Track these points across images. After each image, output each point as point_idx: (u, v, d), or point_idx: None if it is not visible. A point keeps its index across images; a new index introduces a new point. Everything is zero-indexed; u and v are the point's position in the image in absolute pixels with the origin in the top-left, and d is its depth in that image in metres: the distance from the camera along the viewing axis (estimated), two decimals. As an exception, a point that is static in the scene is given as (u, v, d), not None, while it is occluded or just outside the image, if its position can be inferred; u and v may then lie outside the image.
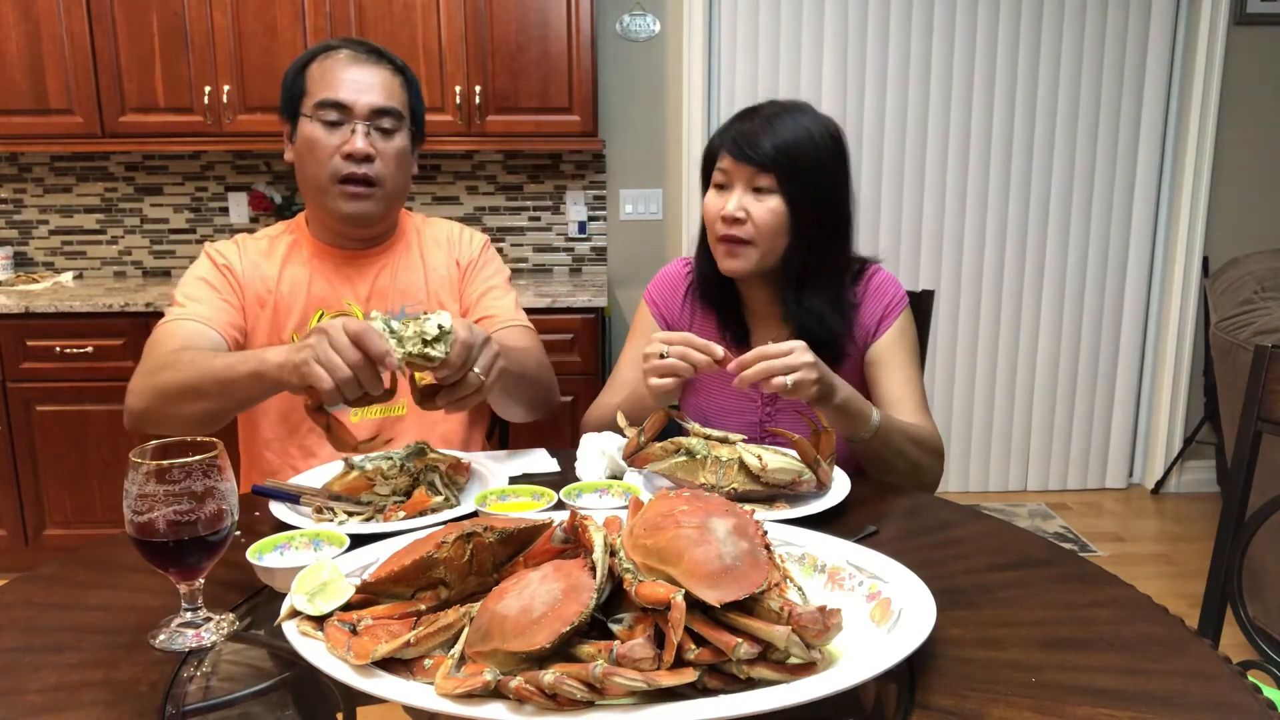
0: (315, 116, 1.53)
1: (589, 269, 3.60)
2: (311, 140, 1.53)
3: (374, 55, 1.58)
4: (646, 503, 0.90)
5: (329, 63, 1.55)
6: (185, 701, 0.84)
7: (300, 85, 1.56)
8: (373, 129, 1.53)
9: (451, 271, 1.69)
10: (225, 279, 1.57)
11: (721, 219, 1.50)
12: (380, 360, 1.17)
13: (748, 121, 1.51)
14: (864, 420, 1.39)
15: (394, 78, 1.58)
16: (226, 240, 1.64)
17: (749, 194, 1.49)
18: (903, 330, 1.58)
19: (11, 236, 3.53)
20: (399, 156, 1.57)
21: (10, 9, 3.02)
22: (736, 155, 1.49)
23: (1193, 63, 3.50)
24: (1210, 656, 0.87)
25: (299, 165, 1.58)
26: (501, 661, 0.76)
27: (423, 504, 1.20)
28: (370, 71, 1.55)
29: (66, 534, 3.07)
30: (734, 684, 0.76)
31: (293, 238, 1.64)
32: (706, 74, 3.48)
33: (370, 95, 1.53)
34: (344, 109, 1.52)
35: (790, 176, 1.47)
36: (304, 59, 1.58)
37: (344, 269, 1.62)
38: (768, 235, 1.49)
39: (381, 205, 1.57)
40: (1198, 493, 3.80)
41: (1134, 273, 3.69)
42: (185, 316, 1.50)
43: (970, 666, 0.85)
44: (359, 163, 1.52)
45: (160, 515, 0.89)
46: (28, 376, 2.98)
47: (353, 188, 1.53)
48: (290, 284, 1.60)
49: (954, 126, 3.54)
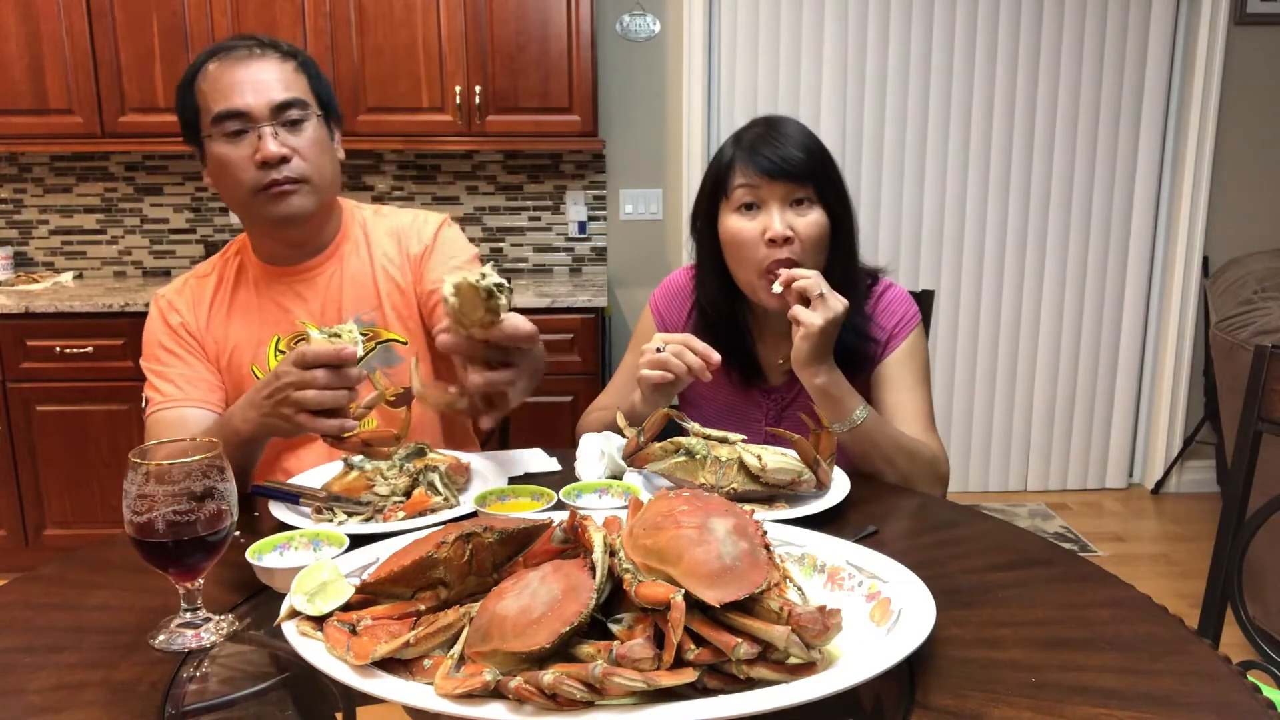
0: (217, 133, 1.43)
1: (589, 269, 3.60)
2: (222, 159, 1.44)
3: (256, 48, 1.47)
4: (646, 503, 0.90)
5: (214, 72, 1.45)
6: (185, 701, 0.84)
7: (191, 105, 1.47)
8: (279, 127, 1.43)
9: (405, 270, 1.57)
10: (182, 341, 1.52)
11: (769, 242, 1.40)
12: (343, 360, 1.17)
13: (761, 138, 1.43)
14: (846, 410, 1.36)
15: (285, 64, 1.47)
16: (178, 286, 1.57)
17: (789, 210, 1.42)
18: (913, 349, 1.52)
19: (11, 236, 3.53)
20: (316, 145, 1.47)
21: (10, 9, 3.02)
22: (770, 171, 1.40)
23: (1193, 63, 3.50)
24: (1210, 656, 0.86)
25: (218, 187, 1.49)
26: (501, 662, 0.76)
27: (423, 504, 1.20)
28: (258, 66, 1.44)
29: (66, 534, 3.07)
30: (734, 684, 0.76)
31: (239, 261, 1.57)
32: (706, 74, 3.48)
33: (266, 92, 1.43)
34: (243, 116, 1.42)
35: (827, 185, 1.42)
36: (186, 79, 1.48)
37: (293, 286, 1.55)
38: (814, 250, 1.42)
39: (312, 199, 1.48)
40: (1198, 493, 3.80)
41: (1134, 273, 3.69)
42: (162, 407, 1.47)
43: (970, 666, 0.85)
44: (276, 166, 1.43)
45: (160, 515, 0.89)
46: (28, 376, 2.98)
47: (275, 189, 1.44)
48: (241, 315, 1.54)
49: (954, 126, 3.54)
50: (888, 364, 1.51)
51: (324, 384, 1.16)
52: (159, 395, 1.49)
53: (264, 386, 1.22)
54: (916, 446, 1.42)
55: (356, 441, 1.27)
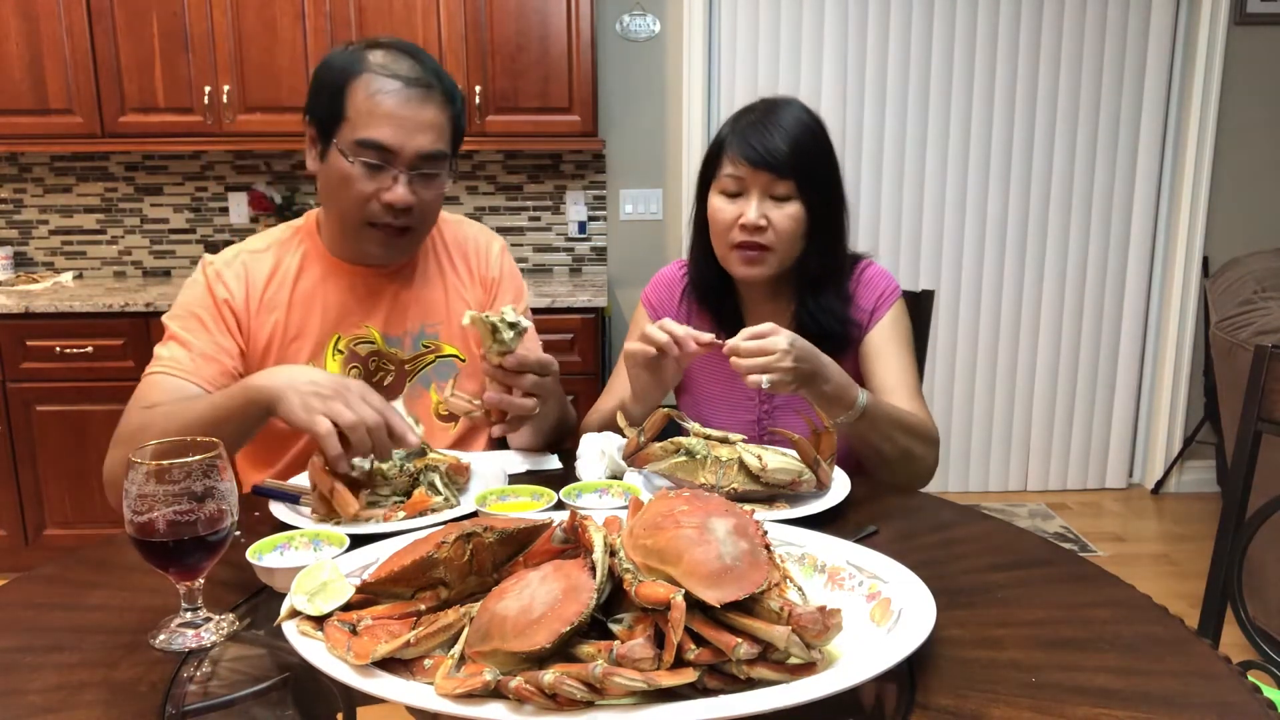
0: (355, 156, 1.38)
1: (589, 269, 3.60)
2: (346, 176, 1.40)
3: (424, 88, 1.40)
4: (646, 503, 0.90)
5: (377, 95, 1.37)
6: (185, 701, 0.84)
7: (339, 107, 1.39)
8: (416, 176, 1.40)
9: (475, 290, 1.60)
10: (221, 316, 1.46)
11: (740, 226, 1.47)
12: (401, 445, 1.20)
13: (755, 125, 1.47)
14: (849, 402, 1.37)
15: (443, 113, 1.42)
16: (229, 259, 1.50)
17: (767, 200, 1.46)
18: (896, 320, 1.57)
19: (11, 236, 3.53)
20: (439, 198, 1.47)
21: (10, 9, 3.02)
22: (754, 161, 1.45)
23: (1193, 63, 3.50)
24: (1210, 656, 0.86)
25: (326, 187, 1.45)
26: (501, 661, 0.76)
27: (423, 504, 1.20)
28: (419, 109, 1.39)
29: (66, 534, 3.07)
30: (734, 684, 0.76)
31: (303, 249, 1.52)
32: (706, 74, 3.48)
33: (419, 139, 1.38)
34: (388, 153, 1.38)
35: (808, 181, 1.46)
36: (346, 74, 1.40)
37: (360, 288, 1.52)
38: (787, 242, 1.48)
39: (411, 246, 1.50)
40: (1198, 493, 3.80)
41: (1134, 273, 3.69)
42: (166, 370, 1.40)
43: (970, 666, 0.85)
44: (397, 214, 1.41)
45: (160, 515, 0.89)
46: (28, 376, 2.98)
47: (386, 234, 1.43)
48: (303, 306, 1.50)
49: (954, 125, 3.54)
50: (872, 337, 1.56)
51: (372, 434, 1.17)
52: (169, 358, 1.43)
53: (327, 383, 1.20)
54: (911, 419, 1.46)
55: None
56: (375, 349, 1.53)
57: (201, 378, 1.41)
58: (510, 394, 1.36)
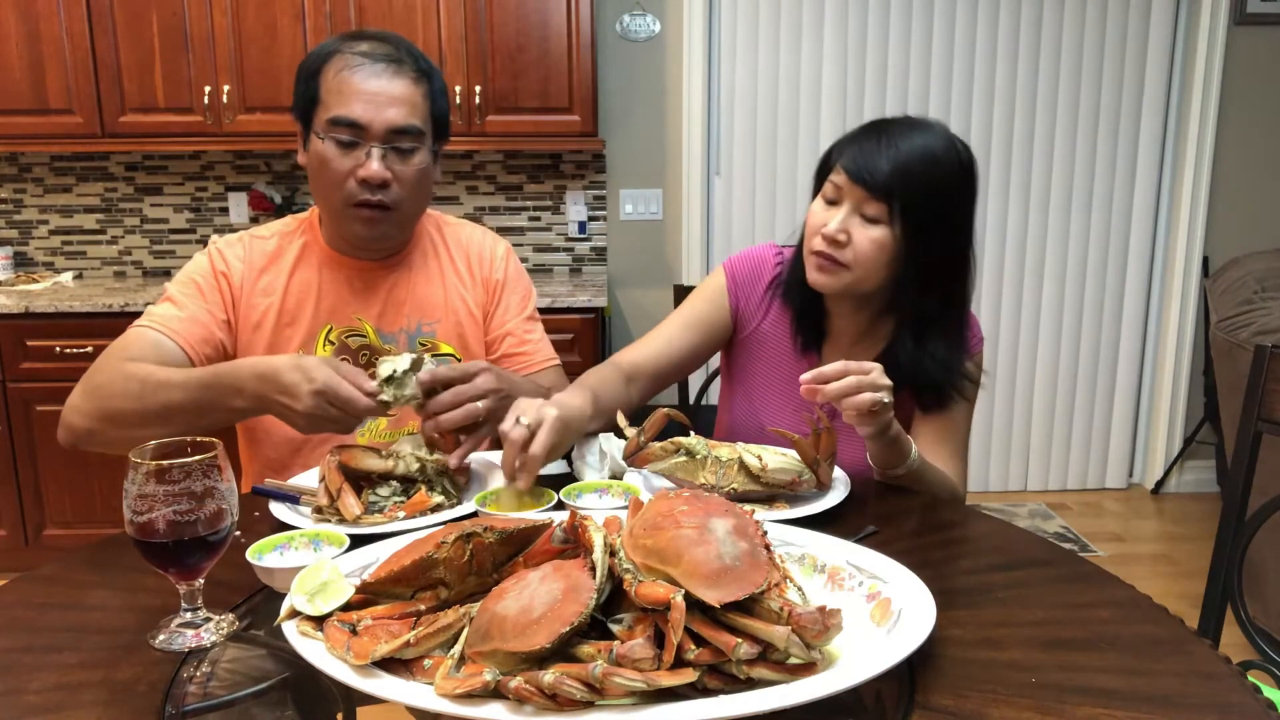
0: (328, 134, 1.41)
1: (589, 269, 3.60)
2: (323, 159, 1.43)
3: (394, 64, 1.43)
4: (646, 503, 0.90)
5: (345, 71, 1.41)
6: (185, 701, 0.84)
7: (313, 91, 1.44)
8: (390, 150, 1.42)
9: (476, 292, 1.60)
10: (218, 287, 1.49)
11: (822, 235, 1.40)
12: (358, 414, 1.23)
13: (871, 139, 1.39)
14: (904, 454, 1.33)
15: (415, 87, 1.44)
16: (234, 239, 1.54)
17: (855, 216, 1.40)
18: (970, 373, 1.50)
19: (11, 236, 3.53)
20: (417, 177, 1.46)
21: (10, 9, 3.02)
22: (852, 174, 1.37)
23: (1193, 63, 3.50)
24: (1210, 656, 0.86)
25: (311, 177, 1.48)
26: (501, 662, 0.76)
27: (423, 504, 1.20)
28: (389, 83, 1.42)
29: (66, 534, 3.07)
30: (734, 684, 0.76)
31: (304, 240, 1.55)
32: (706, 74, 3.48)
33: (388, 113, 1.41)
34: (358, 129, 1.40)
35: (908, 209, 1.37)
36: (319, 59, 1.45)
37: (355, 281, 1.54)
38: (865, 263, 1.39)
39: (398, 228, 1.50)
40: (1198, 493, 3.80)
41: (1134, 273, 3.69)
42: (152, 325, 1.44)
43: (970, 666, 0.85)
44: (374, 189, 1.42)
45: (160, 515, 0.89)
46: (28, 376, 2.98)
47: (367, 211, 1.44)
48: (298, 295, 1.52)
49: (954, 126, 3.51)
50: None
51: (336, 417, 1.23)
52: (159, 315, 1.46)
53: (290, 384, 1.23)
54: (944, 484, 1.41)
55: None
56: (367, 342, 1.54)
57: (184, 338, 1.44)
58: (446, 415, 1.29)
